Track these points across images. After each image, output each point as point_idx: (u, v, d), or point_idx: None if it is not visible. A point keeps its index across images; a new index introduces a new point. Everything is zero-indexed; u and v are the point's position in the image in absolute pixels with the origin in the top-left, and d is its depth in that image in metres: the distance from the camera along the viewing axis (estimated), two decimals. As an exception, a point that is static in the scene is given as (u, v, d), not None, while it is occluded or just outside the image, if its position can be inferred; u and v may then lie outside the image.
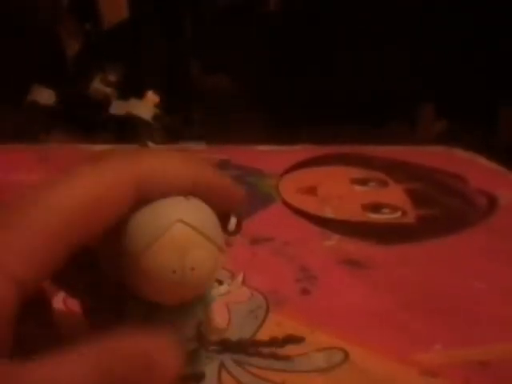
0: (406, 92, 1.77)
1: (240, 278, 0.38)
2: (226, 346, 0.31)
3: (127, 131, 1.47)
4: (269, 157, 0.61)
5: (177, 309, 0.24)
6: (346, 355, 0.31)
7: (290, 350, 0.31)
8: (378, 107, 1.75)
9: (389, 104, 1.78)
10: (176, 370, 0.23)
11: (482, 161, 0.62)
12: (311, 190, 0.52)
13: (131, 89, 1.57)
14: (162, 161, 0.25)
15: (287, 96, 1.80)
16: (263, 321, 0.33)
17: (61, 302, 0.30)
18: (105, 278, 0.26)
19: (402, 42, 1.76)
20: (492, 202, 0.51)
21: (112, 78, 1.58)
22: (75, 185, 0.23)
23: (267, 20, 1.87)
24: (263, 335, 0.32)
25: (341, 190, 0.53)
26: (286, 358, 0.31)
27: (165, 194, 0.24)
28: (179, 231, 0.23)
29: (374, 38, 1.77)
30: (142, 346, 0.22)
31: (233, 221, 0.27)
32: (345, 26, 1.79)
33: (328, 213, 0.48)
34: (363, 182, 0.54)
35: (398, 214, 0.48)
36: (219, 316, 0.34)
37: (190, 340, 0.25)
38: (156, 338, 0.22)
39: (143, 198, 0.24)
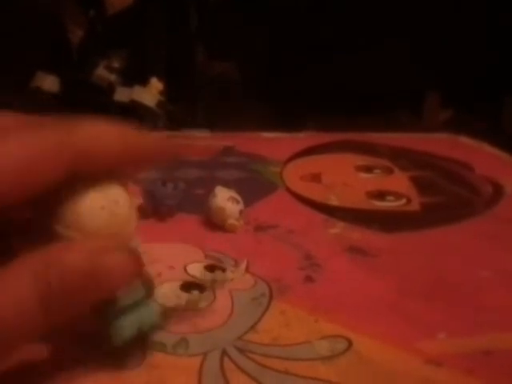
0: (411, 80, 1.76)
1: (243, 265, 0.37)
2: None
3: (131, 118, 1.47)
4: (273, 144, 0.61)
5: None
6: (350, 343, 0.31)
7: (293, 338, 0.31)
8: (384, 96, 1.75)
9: (394, 92, 1.77)
10: (127, 274, 0.24)
11: (488, 148, 0.61)
12: (315, 178, 0.52)
13: (135, 76, 1.56)
14: (98, 133, 0.25)
15: (292, 84, 1.79)
16: (267, 308, 0.33)
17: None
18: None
19: (408, 31, 1.75)
20: (497, 190, 0.50)
21: (116, 64, 1.57)
22: (12, 144, 0.23)
23: (273, 6, 1.86)
24: (266, 323, 0.32)
25: (345, 177, 0.52)
26: (289, 346, 0.30)
27: (95, 167, 0.25)
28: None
29: (380, 27, 1.76)
30: (97, 258, 0.23)
31: None
32: (351, 14, 1.78)
33: (332, 200, 0.48)
34: (368, 169, 0.54)
35: (403, 201, 0.48)
36: (222, 303, 0.34)
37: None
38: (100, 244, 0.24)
39: (78, 169, 0.24)
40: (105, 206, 0.26)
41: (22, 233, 0.27)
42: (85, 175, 0.25)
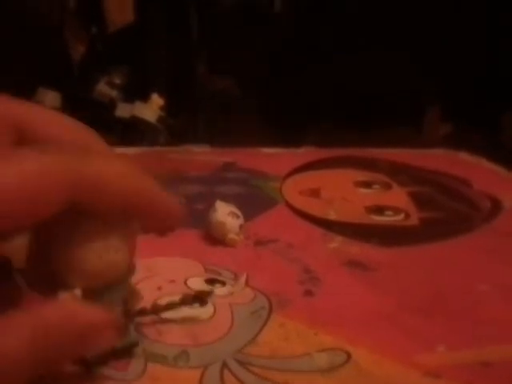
0: (411, 95, 1.77)
1: (243, 278, 0.38)
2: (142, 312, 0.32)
3: (132, 134, 1.48)
4: (273, 159, 0.61)
5: (104, 290, 0.27)
6: (349, 356, 0.31)
7: (292, 350, 0.31)
8: (384, 110, 1.75)
9: (394, 107, 1.77)
10: (110, 340, 0.25)
11: (487, 164, 0.62)
12: (314, 193, 0.52)
13: (136, 91, 1.57)
14: (105, 168, 0.24)
15: (292, 99, 1.80)
16: (266, 321, 0.34)
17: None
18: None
19: (407, 44, 1.76)
20: (496, 205, 0.51)
21: (117, 80, 1.58)
22: (12, 169, 0.22)
23: (272, 22, 1.87)
24: (266, 336, 0.32)
25: (344, 192, 0.53)
26: (289, 358, 0.31)
27: (99, 204, 0.24)
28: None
29: (378, 41, 1.77)
30: (77, 315, 0.24)
31: None
32: (349, 29, 1.79)
33: (331, 215, 0.48)
34: (367, 184, 0.54)
35: (401, 216, 0.48)
36: (222, 316, 0.34)
37: (119, 316, 0.28)
38: (90, 310, 0.24)
39: (78, 202, 0.24)
40: (102, 256, 0.26)
41: (24, 264, 0.27)
42: (89, 211, 0.25)
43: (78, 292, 0.26)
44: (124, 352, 0.29)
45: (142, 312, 0.32)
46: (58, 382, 0.27)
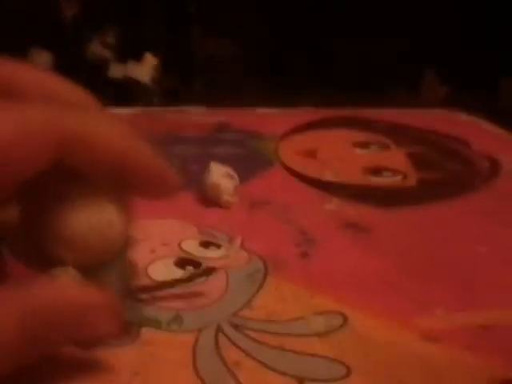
0: (408, 57, 1.75)
1: (238, 241, 0.37)
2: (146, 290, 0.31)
3: (126, 94, 1.46)
4: (269, 120, 0.60)
5: (99, 266, 0.25)
6: (345, 319, 0.31)
7: (288, 313, 0.31)
8: (381, 72, 1.74)
9: (392, 69, 1.76)
10: (107, 324, 0.23)
11: (485, 125, 0.61)
12: (311, 154, 0.51)
13: (130, 51, 1.55)
14: (95, 124, 0.23)
15: (288, 60, 1.78)
16: (262, 284, 0.33)
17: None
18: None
19: (405, 8, 1.74)
20: (495, 166, 0.50)
21: (110, 40, 1.56)
22: None
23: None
24: (261, 299, 0.32)
25: (342, 153, 0.52)
26: (285, 322, 0.30)
27: (89, 164, 0.23)
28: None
29: (377, 2, 1.74)
30: (72, 295, 0.22)
31: None
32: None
33: (328, 176, 0.47)
34: (365, 145, 0.53)
35: (399, 177, 0.48)
36: (217, 279, 0.33)
37: (118, 292, 0.26)
38: (87, 290, 0.23)
39: (65, 158, 0.22)
40: (95, 228, 0.24)
41: (11, 235, 0.26)
42: (77, 170, 0.23)
43: (71, 269, 0.25)
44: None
45: (145, 289, 0.31)
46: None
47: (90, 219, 0.24)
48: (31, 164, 0.22)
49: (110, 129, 0.24)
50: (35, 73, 0.26)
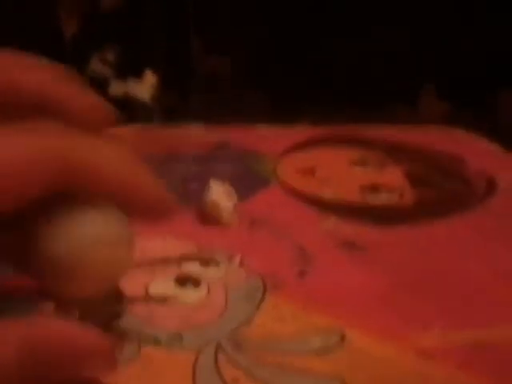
0: (407, 74, 1.76)
1: (237, 259, 0.37)
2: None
3: (126, 112, 1.47)
4: (268, 138, 0.61)
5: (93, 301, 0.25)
6: (343, 336, 0.31)
7: (286, 331, 0.31)
8: (380, 89, 1.75)
9: (391, 86, 1.77)
10: (106, 364, 0.23)
11: (483, 142, 0.61)
12: (309, 171, 0.52)
13: (130, 69, 1.56)
14: (95, 152, 0.23)
15: (287, 77, 1.79)
16: (260, 303, 0.33)
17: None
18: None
19: (403, 23, 1.75)
20: (491, 184, 0.50)
21: (110, 57, 1.57)
22: None
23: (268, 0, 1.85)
24: (260, 317, 0.32)
25: (339, 170, 0.52)
26: (283, 340, 0.31)
27: (88, 191, 0.23)
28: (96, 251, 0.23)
29: (375, 20, 1.76)
30: (70, 336, 0.22)
31: None
32: (346, 9, 1.77)
33: (326, 194, 0.48)
34: (362, 163, 0.54)
35: (396, 195, 0.48)
36: (216, 297, 0.34)
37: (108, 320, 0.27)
38: (82, 326, 0.22)
39: (65, 186, 0.22)
40: (99, 246, 0.23)
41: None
42: (80, 194, 0.23)
43: (72, 307, 0.24)
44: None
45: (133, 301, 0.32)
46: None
47: (93, 234, 0.23)
48: (29, 191, 0.22)
49: (110, 154, 0.24)
50: (36, 74, 0.26)
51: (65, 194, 0.23)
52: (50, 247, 0.23)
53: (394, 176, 0.52)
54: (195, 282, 0.35)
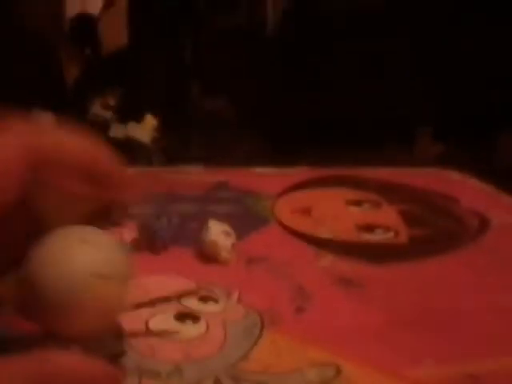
0: (404, 116, 1.78)
1: (235, 296, 0.38)
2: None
3: (126, 154, 1.48)
4: (266, 179, 0.62)
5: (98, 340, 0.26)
6: (339, 370, 0.32)
7: (284, 366, 0.32)
8: (377, 131, 1.77)
9: (387, 127, 1.79)
10: None
11: (476, 183, 0.63)
12: (306, 211, 0.53)
13: (130, 112, 1.58)
14: (61, 138, 0.26)
15: (286, 120, 1.81)
16: (258, 338, 0.34)
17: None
18: None
19: (401, 65, 1.78)
20: (484, 223, 0.52)
21: (111, 101, 1.59)
22: None
23: (265, 44, 1.89)
24: (258, 352, 0.33)
25: (335, 210, 0.54)
26: (280, 374, 0.31)
27: (61, 173, 0.25)
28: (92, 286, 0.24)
29: (373, 61, 1.78)
30: (79, 364, 0.23)
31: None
32: (342, 51, 1.81)
33: (322, 233, 0.49)
34: (357, 203, 0.55)
35: (391, 234, 0.49)
36: (215, 332, 0.34)
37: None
38: (91, 359, 0.23)
39: (38, 174, 0.25)
40: (90, 281, 0.23)
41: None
42: (53, 183, 0.25)
43: (73, 346, 0.25)
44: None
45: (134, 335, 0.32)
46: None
47: (88, 263, 0.24)
48: (9, 177, 0.24)
49: (74, 138, 0.27)
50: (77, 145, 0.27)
51: (56, 233, 0.24)
52: (41, 286, 0.23)
53: (389, 215, 0.53)
54: (194, 318, 0.36)
